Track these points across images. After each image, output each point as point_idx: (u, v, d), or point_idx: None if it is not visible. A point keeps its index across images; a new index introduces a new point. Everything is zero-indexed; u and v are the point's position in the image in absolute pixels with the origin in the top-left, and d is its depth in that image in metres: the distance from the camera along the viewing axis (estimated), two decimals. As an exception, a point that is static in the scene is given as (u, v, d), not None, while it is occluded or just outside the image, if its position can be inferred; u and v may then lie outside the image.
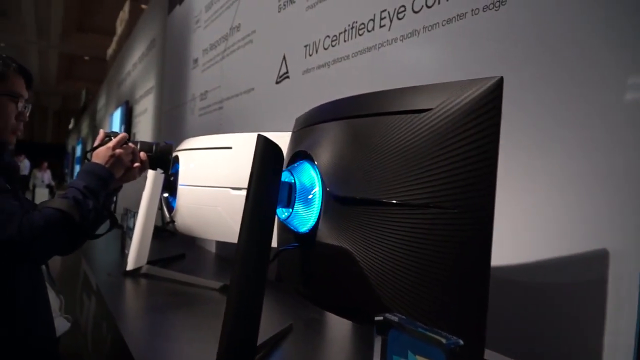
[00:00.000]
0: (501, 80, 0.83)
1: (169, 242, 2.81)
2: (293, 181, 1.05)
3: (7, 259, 1.19)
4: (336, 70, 1.73)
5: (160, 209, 2.04)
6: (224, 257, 2.59)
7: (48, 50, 16.44)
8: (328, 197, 0.97)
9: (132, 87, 5.87)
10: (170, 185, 1.98)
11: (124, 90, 6.59)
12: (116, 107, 6.73)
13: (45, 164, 13.11)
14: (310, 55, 1.89)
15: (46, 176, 12.96)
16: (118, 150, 1.35)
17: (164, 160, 1.51)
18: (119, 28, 8.60)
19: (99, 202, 1.29)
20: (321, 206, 0.98)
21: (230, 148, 1.75)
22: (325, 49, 1.79)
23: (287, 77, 2.05)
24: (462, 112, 0.84)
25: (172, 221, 1.98)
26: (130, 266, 1.89)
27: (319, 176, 0.99)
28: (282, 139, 1.70)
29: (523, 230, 1.10)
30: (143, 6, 7.78)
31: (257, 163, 0.99)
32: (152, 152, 1.48)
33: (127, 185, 2.65)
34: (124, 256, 2.39)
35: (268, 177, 0.99)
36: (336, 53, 1.73)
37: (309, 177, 1.03)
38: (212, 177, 1.76)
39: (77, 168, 11.00)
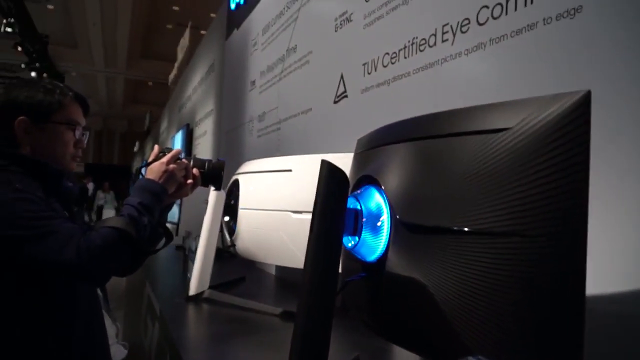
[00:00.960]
0: (589, 94, 0.75)
1: (229, 264, 2.81)
2: (359, 208, 1.00)
3: (67, 282, 1.20)
4: (396, 88, 1.67)
5: (221, 232, 2.03)
6: (283, 280, 2.55)
7: (115, 77, 17.30)
8: (397, 225, 0.91)
9: (193, 110, 6.03)
10: (231, 208, 1.98)
11: (185, 114, 6.78)
12: (177, 130, 6.93)
13: (107, 184, 13.35)
14: (369, 74, 1.84)
15: (109, 197, 13.31)
16: (171, 166, 1.35)
17: (216, 176, 1.50)
18: (180, 54, 8.91)
19: (154, 217, 1.28)
20: (390, 234, 0.93)
21: (290, 170, 1.72)
22: (384, 66, 1.74)
23: (345, 96, 2.02)
24: (546, 130, 0.77)
25: (233, 245, 1.97)
26: (192, 291, 1.89)
27: (387, 202, 0.93)
28: (343, 161, 1.66)
29: (617, 255, 1.00)
30: (202, 32, 8.04)
31: (321, 190, 0.95)
32: (205, 169, 1.47)
33: (188, 208, 2.68)
34: (186, 279, 2.41)
35: (333, 205, 0.94)
36: (396, 70, 1.67)
37: (376, 203, 0.97)
38: (272, 201, 1.74)
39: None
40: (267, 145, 2.95)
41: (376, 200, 0.98)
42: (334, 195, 0.95)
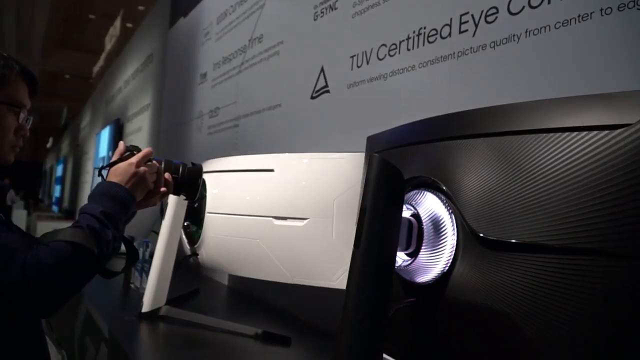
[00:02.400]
0: None
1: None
2: (414, 217, 0.81)
3: (9, 309, 0.93)
4: (396, 83, 1.51)
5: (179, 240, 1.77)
6: (239, 291, 2.31)
7: (28, 67, 16.00)
8: (468, 239, 0.73)
9: (124, 104, 5.59)
10: (193, 212, 1.72)
11: (114, 108, 6.29)
12: (104, 126, 6.42)
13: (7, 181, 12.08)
14: (358, 67, 1.67)
15: (16, 197, 12.18)
16: (142, 168, 1.11)
17: (192, 184, 1.26)
18: (108, 44, 8.32)
19: (119, 231, 1.04)
20: (457, 250, 0.75)
21: (272, 170, 1.50)
22: (380, 59, 1.57)
23: (327, 91, 1.83)
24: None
25: (195, 254, 1.72)
26: (147, 307, 1.62)
27: (453, 210, 0.76)
28: (341, 162, 1.47)
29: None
30: (128, 25, 7.55)
31: (373, 193, 0.75)
32: (179, 174, 1.24)
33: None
34: (128, 291, 2.11)
35: (388, 213, 0.75)
36: (396, 64, 1.51)
37: (432, 211, 0.79)
38: (250, 205, 1.51)
39: (57, 189, 10.53)
40: (221, 143, 2.69)
41: (433, 208, 0.80)
42: (388, 201, 0.76)
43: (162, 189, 1.19)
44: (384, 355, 0.81)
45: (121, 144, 1.17)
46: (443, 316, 0.76)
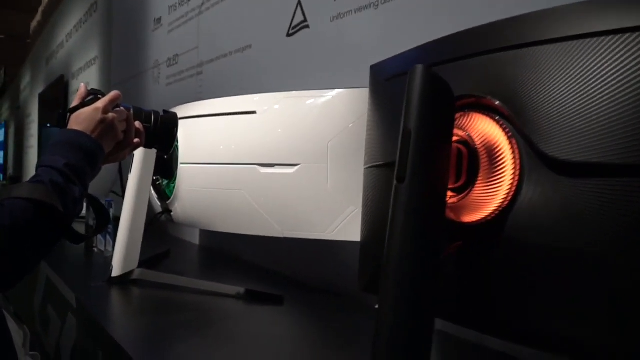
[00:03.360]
0: None
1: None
2: (462, 144, 0.67)
3: None
4: (390, 11, 1.35)
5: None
6: (212, 250, 2.16)
7: (-44, 26, 14.80)
8: (534, 165, 0.60)
9: (67, 60, 5.17)
10: (162, 165, 1.54)
11: (56, 65, 5.83)
12: (47, 85, 5.97)
13: None
14: (343, -4, 1.49)
15: None
16: (111, 114, 0.93)
17: (168, 135, 1.09)
18: (44, -3, 7.67)
19: (87, 188, 0.87)
20: (520, 180, 0.62)
21: (254, 112, 1.33)
22: (369, -15, 1.40)
23: (306, 26, 1.65)
24: None
25: (168, 211, 1.55)
26: (117, 271, 1.45)
27: (514, 132, 0.62)
28: (332, 100, 1.30)
29: None
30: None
31: (419, 114, 0.61)
32: (151, 123, 1.06)
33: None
34: (92, 256, 1.92)
35: (438, 135, 0.61)
36: (388, -11, 1.34)
37: (485, 136, 0.66)
38: (230, 152, 1.35)
39: (1, 155, 9.91)
40: (183, 93, 2.47)
41: (485, 131, 0.66)
42: (438, 121, 0.61)
43: (136, 140, 1.01)
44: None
45: (82, 86, 0.98)
46: (500, 263, 0.64)
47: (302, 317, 1.30)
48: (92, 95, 0.96)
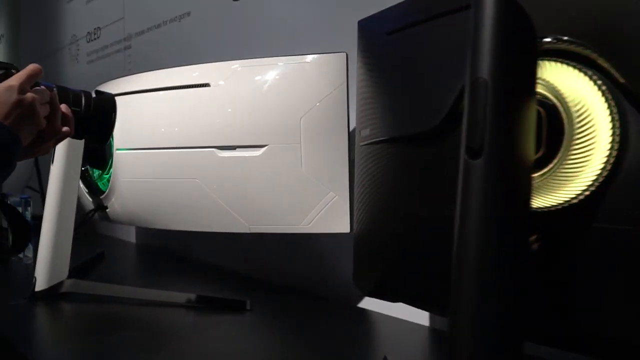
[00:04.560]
0: None
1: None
2: (544, 104, 0.50)
3: None
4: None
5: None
6: (151, 247, 1.91)
7: None
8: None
9: (-34, 40, 4.59)
10: (92, 152, 1.28)
11: (-47, 47, 5.19)
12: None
13: None
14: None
15: None
16: (30, 95, 0.70)
17: (104, 122, 0.86)
18: None
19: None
20: (622, 148, 0.45)
21: (207, 85, 1.11)
22: None
23: (258, -13, 1.42)
24: None
25: (102, 207, 1.29)
26: (42, 284, 1.18)
27: (610, 87, 0.45)
28: (313, 66, 1.08)
29: None
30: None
31: (494, 61, 0.43)
32: (81, 107, 0.82)
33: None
34: (4, 263, 1.62)
35: (522, 90, 0.43)
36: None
37: (572, 93, 0.48)
38: (182, 134, 1.12)
39: None
40: (109, 71, 2.17)
41: (571, 86, 0.49)
42: (520, 70, 0.44)
43: (65, 128, 0.77)
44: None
45: None
46: (591, 262, 0.47)
47: (270, 325, 1.10)
48: (3, 70, 0.71)
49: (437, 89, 0.62)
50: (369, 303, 1.16)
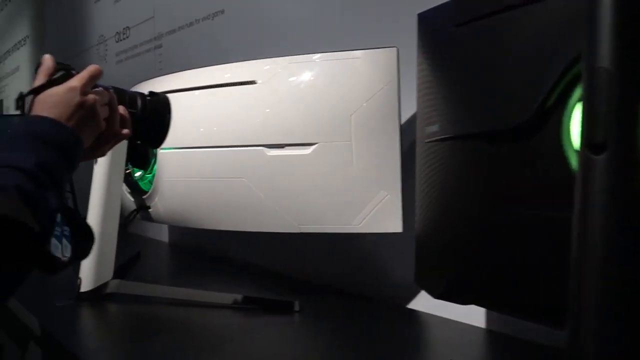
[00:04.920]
0: None
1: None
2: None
3: None
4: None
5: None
6: (186, 248, 1.90)
7: None
8: None
9: (-10, 43, 4.64)
10: (134, 152, 1.26)
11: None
12: (-33, 72, 5.37)
13: None
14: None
15: None
16: (92, 96, 0.68)
17: (160, 124, 0.84)
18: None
19: (64, 194, 0.62)
20: None
21: (253, 82, 1.09)
22: None
23: (297, -18, 1.40)
24: None
25: (145, 207, 1.28)
26: (88, 285, 1.17)
27: None
28: (364, 62, 1.05)
29: None
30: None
31: (616, 43, 0.40)
32: (138, 109, 0.81)
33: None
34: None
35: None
36: None
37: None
38: (228, 132, 1.10)
39: None
40: (138, 71, 2.16)
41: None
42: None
43: (124, 130, 0.75)
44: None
45: (48, 58, 0.70)
46: None
47: (320, 327, 1.07)
48: (62, 71, 0.69)
49: (521, 83, 0.60)
50: (417, 304, 1.14)
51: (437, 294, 0.75)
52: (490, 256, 0.66)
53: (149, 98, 0.83)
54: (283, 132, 1.05)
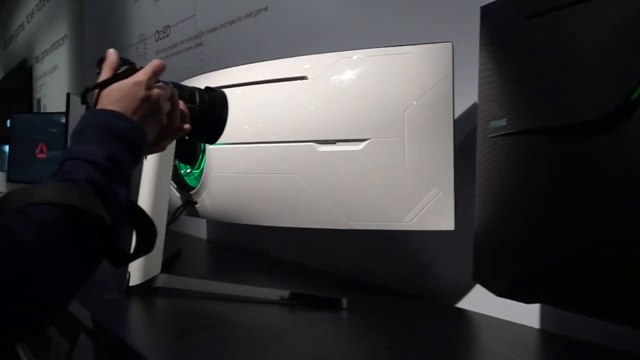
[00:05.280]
0: None
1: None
2: None
3: None
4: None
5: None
6: (224, 245, 1.91)
7: None
8: None
9: (29, 42, 4.75)
10: (181, 147, 1.27)
11: (16, 49, 5.38)
12: (6, 71, 5.52)
13: None
14: None
15: None
16: (156, 91, 0.69)
17: (217, 120, 0.84)
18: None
19: (130, 189, 0.62)
20: None
21: (304, 78, 1.08)
22: None
23: (343, -21, 1.40)
24: None
25: (192, 203, 1.29)
26: (137, 278, 1.18)
27: None
28: (418, 56, 1.03)
29: None
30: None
31: None
32: (195, 104, 0.81)
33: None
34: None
35: None
36: None
37: None
38: (276, 127, 1.10)
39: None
40: (179, 69, 2.18)
41: None
42: None
43: (186, 126, 0.76)
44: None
45: (112, 53, 0.71)
46: None
47: (369, 325, 1.05)
48: (127, 65, 0.70)
49: (602, 76, 0.58)
50: (466, 303, 1.12)
51: (500, 292, 0.74)
52: (558, 255, 0.64)
53: (207, 94, 0.83)
54: (334, 127, 1.05)
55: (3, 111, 3.80)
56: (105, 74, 0.68)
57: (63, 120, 2.45)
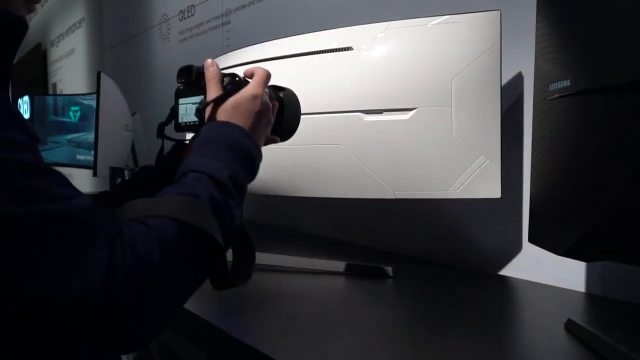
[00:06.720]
0: None
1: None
2: None
3: (70, 336, 0.54)
4: None
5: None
6: (254, 222, 1.92)
7: None
8: None
9: (44, 26, 4.75)
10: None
11: (30, 33, 5.38)
12: (20, 55, 5.53)
13: None
14: None
15: None
16: (269, 104, 0.69)
17: (294, 119, 0.82)
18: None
19: (241, 206, 0.60)
20: None
21: (349, 49, 1.09)
22: None
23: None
24: None
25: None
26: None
27: None
28: (466, 25, 1.04)
29: None
30: None
31: None
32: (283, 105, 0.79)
33: (105, 137, 1.89)
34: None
35: None
36: None
37: None
38: (325, 98, 1.11)
39: None
40: (204, 49, 2.19)
41: None
42: None
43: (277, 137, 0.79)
44: None
45: (212, 63, 0.67)
46: None
47: (414, 290, 1.07)
48: (233, 78, 0.67)
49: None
50: (508, 271, 1.14)
51: (561, 252, 0.75)
52: (620, 212, 0.65)
53: (281, 94, 0.80)
54: (381, 97, 1.06)
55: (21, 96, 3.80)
56: (213, 88, 0.66)
57: (86, 101, 2.47)
